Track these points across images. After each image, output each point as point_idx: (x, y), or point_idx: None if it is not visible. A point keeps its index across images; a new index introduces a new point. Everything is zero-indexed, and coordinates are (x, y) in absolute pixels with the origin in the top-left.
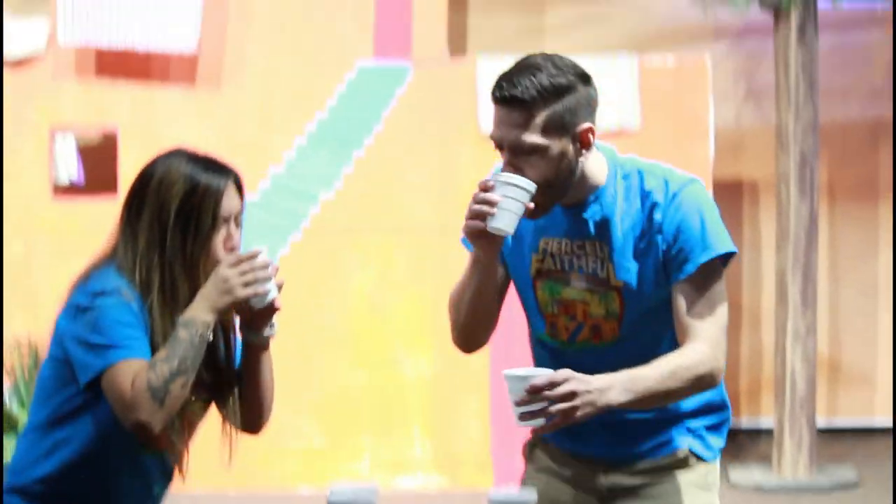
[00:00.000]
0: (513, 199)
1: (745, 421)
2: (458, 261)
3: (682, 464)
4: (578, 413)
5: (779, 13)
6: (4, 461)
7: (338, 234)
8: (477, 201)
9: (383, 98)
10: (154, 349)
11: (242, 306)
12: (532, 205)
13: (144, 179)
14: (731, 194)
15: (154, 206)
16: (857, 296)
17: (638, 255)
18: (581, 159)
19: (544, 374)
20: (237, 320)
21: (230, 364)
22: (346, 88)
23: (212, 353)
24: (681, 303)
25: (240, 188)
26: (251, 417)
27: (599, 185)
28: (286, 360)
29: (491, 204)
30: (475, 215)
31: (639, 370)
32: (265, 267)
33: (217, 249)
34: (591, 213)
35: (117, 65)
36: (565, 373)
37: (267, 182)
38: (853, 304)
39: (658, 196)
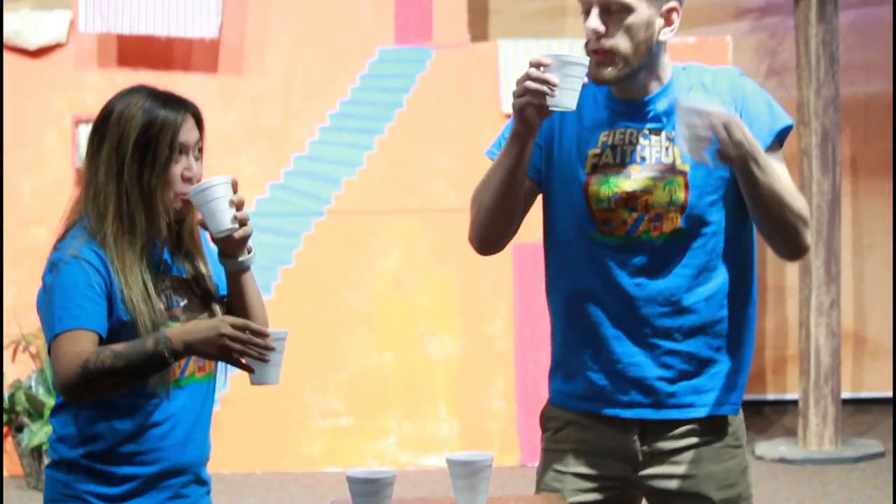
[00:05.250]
0: (572, 77)
1: (770, 395)
2: None
3: (717, 424)
4: (735, 137)
5: None
6: (27, 446)
7: (361, 215)
8: (534, 79)
9: (406, 80)
10: (114, 277)
11: (218, 239)
12: (586, 80)
13: (105, 115)
14: None
15: (113, 139)
16: (881, 269)
17: None
18: (661, 39)
19: (718, 109)
20: (213, 249)
21: (213, 292)
22: (369, 71)
23: (197, 282)
24: None
25: (199, 121)
26: None
27: (667, 79)
28: (311, 340)
29: (551, 84)
30: (534, 93)
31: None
32: (263, 345)
33: (175, 180)
34: (663, 101)
35: (139, 52)
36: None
37: (290, 166)
38: (877, 278)
39: (721, 82)
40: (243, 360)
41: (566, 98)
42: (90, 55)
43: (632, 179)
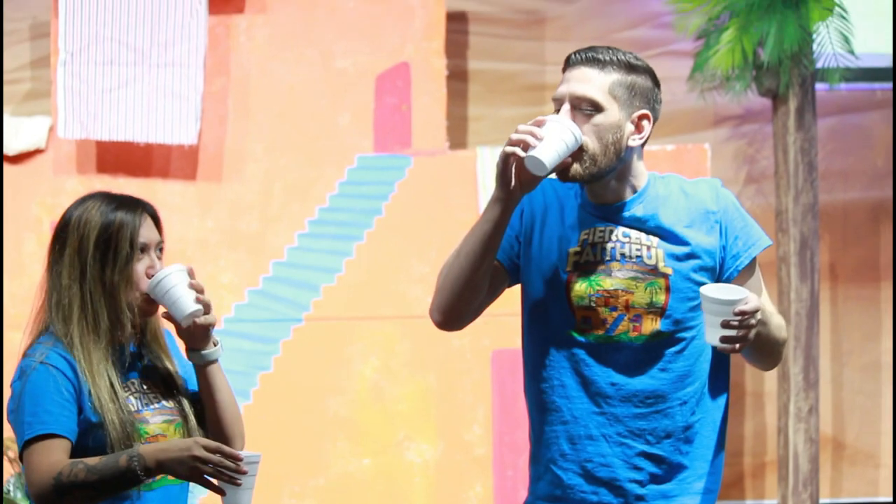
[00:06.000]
0: (559, 139)
1: (749, 501)
2: (461, 350)
3: None
4: (756, 318)
5: (777, 98)
6: None
7: (340, 321)
8: (522, 131)
9: (384, 187)
10: (82, 379)
11: (180, 329)
12: (570, 160)
13: (64, 222)
14: None
15: (74, 243)
16: (860, 375)
17: (685, 245)
18: (631, 145)
19: (747, 296)
20: (178, 346)
21: (182, 393)
22: (347, 178)
23: (166, 383)
24: (741, 286)
25: (156, 221)
26: (221, 441)
27: (641, 186)
28: (289, 445)
29: (536, 136)
30: (516, 142)
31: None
32: (235, 469)
33: (139, 277)
34: (638, 206)
35: (118, 159)
36: (749, 293)
37: (268, 272)
38: (856, 384)
39: (702, 192)
40: (215, 482)
41: (546, 152)
42: (69, 161)
43: (612, 277)
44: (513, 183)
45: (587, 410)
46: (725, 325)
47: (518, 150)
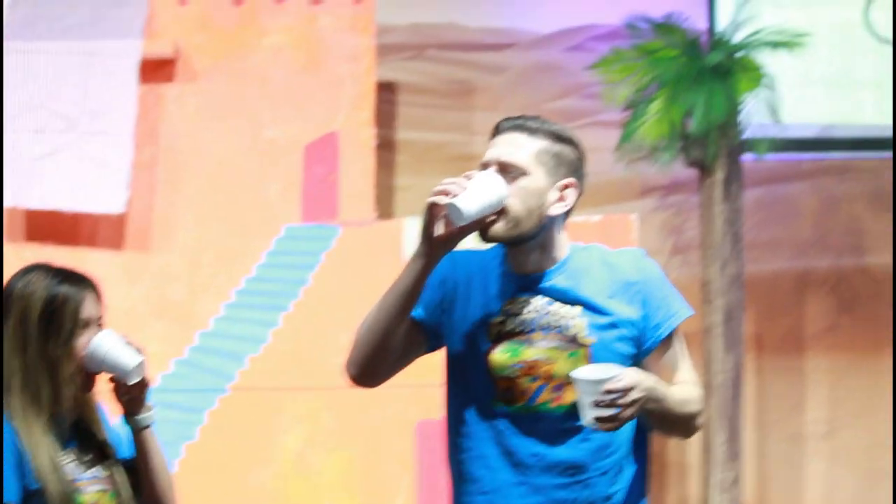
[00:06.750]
0: (484, 192)
1: None
2: (386, 420)
3: None
4: (632, 398)
5: (704, 169)
6: None
7: (265, 391)
8: (447, 182)
9: (311, 257)
10: (23, 448)
11: (120, 392)
12: (493, 217)
13: (6, 293)
14: None
15: (17, 315)
16: (784, 445)
17: (607, 315)
18: (553, 214)
19: (618, 375)
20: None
21: (116, 461)
22: (274, 248)
23: (102, 452)
24: (661, 356)
25: (98, 296)
26: None
27: (562, 257)
28: None
29: (461, 187)
30: (440, 192)
31: (661, 383)
32: None
33: (80, 351)
34: (559, 277)
35: (46, 227)
36: (623, 371)
37: (194, 342)
38: (780, 454)
39: (624, 263)
40: None
41: (468, 202)
42: None
43: (535, 347)
44: (435, 233)
45: (508, 481)
46: (597, 404)
47: (440, 199)
